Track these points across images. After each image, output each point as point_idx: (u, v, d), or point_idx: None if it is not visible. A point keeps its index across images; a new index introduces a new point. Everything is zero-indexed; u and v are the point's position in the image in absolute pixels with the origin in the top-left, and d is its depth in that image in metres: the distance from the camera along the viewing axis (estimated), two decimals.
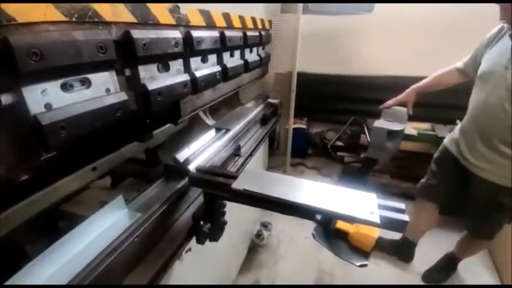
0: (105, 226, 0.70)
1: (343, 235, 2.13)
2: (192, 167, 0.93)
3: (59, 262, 0.59)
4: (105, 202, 0.74)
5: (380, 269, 2.00)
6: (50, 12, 0.47)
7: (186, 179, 0.87)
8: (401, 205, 0.72)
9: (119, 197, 0.74)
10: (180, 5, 0.82)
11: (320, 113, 3.39)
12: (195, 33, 0.88)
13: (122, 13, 0.62)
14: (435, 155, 1.74)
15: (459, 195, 1.64)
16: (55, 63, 0.46)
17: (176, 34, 0.77)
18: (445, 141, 1.69)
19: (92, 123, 0.55)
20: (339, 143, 3.14)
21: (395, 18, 2.76)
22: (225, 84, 1.22)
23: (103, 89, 0.59)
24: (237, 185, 0.74)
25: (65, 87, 0.52)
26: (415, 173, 2.29)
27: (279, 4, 2.35)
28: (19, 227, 0.62)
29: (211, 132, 1.21)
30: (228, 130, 1.27)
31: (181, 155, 0.93)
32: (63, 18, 0.49)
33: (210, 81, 1.01)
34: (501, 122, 1.28)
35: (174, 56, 0.80)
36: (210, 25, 1.01)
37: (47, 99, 0.48)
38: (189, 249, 0.96)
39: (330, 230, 2.08)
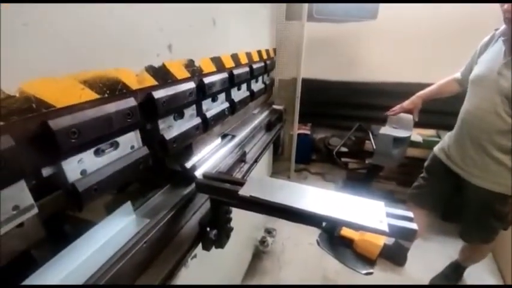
0: (113, 232, 0.70)
1: (348, 242, 2.12)
2: (198, 173, 0.93)
3: (67, 269, 0.59)
4: (111, 206, 0.75)
5: (386, 275, 1.97)
6: (85, 94, 0.52)
7: (193, 185, 0.87)
8: (409, 213, 0.71)
9: (127, 203, 0.74)
10: (194, 58, 0.88)
11: (324, 118, 3.39)
12: (207, 80, 0.93)
13: (146, 79, 0.67)
14: (425, 163, 1.75)
15: (450, 202, 1.65)
16: (90, 137, 0.52)
17: (191, 85, 0.83)
18: (435, 148, 1.71)
19: (120, 180, 0.61)
20: (343, 149, 3.13)
21: (399, 25, 2.77)
22: (233, 117, 1.25)
23: (128, 147, 0.65)
24: (244, 191, 0.74)
25: (97, 152, 0.57)
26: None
27: (284, 10, 2.38)
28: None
29: (217, 139, 1.22)
30: (233, 136, 1.28)
31: (188, 162, 0.94)
32: (97, 96, 0.54)
33: (220, 118, 1.07)
34: (493, 126, 1.28)
35: (188, 104, 0.85)
36: (220, 68, 1.06)
37: (82, 166, 0.54)
38: (195, 256, 0.95)
39: (335, 237, 2.07)
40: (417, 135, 2.36)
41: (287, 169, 2.91)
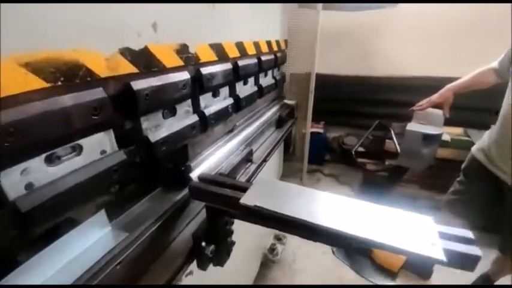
0: (81, 249, 0.55)
1: (366, 252, 1.92)
2: (195, 175, 0.78)
3: None
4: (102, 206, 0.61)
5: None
6: (29, 81, 0.39)
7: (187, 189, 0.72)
8: (468, 233, 0.53)
9: (100, 212, 0.59)
10: (189, 42, 0.71)
11: (338, 116, 3.20)
12: (206, 70, 0.78)
13: (121, 65, 0.53)
14: (463, 165, 1.56)
15: (490, 209, 1.43)
16: (36, 138, 0.39)
17: (184, 76, 0.69)
18: (473, 149, 1.48)
19: (85, 195, 0.49)
20: (360, 149, 2.91)
21: (423, 13, 2.54)
22: (238, 115, 1.09)
23: (98, 152, 0.51)
24: (246, 199, 0.58)
25: (50, 160, 0.44)
26: (447, 183, 2.04)
27: None
28: None
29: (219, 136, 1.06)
30: (239, 132, 1.12)
31: (184, 160, 0.79)
32: (46, 85, 0.41)
33: (222, 116, 0.91)
34: None
35: (182, 99, 0.70)
36: (223, 58, 0.90)
37: (28, 178, 0.41)
38: (190, 273, 0.80)
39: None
40: (445, 133, 2.12)
41: (299, 170, 2.73)
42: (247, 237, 1.30)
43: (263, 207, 0.55)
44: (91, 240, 0.57)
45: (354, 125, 3.16)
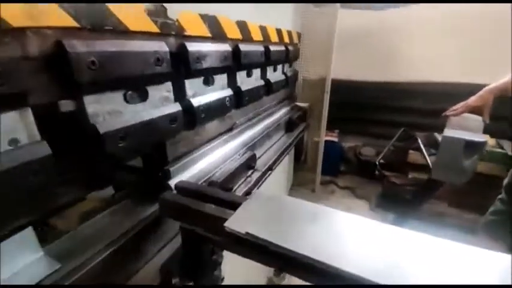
0: None
1: None
2: (174, 182, 0.59)
3: None
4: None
5: None
6: None
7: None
8: None
9: (27, 230, 0.41)
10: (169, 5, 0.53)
11: (354, 124, 2.97)
12: (193, 46, 0.60)
13: (48, 12, 0.35)
14: (505, 181, 1.35)
15: None
16: None
17: (159, 47, 0.51)
18: None
19: None
20: (379, 160, 2.66)
21: (449, 13, 2.31)
22: (239, 111, 0.91)
23: (5, 142, 0.34)
24: (234, 222, 0.38)
25: None
26: (480, 200, 1.77)
27: None
28: None
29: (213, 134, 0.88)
30: (240, 132, 0.93)
31: (161, 162, 0.60)
32: None
33: (217, 109, 0.72)
34: None
35: (156, 79, 0.52)
36: (219, 36, 0.72)
37: None
38: None
39: None
40: None
41: (311, 181, 2.50)
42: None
43: (259, 237, 0.36)
44: (14, 268, 0.39)
45: (371, 134, 2.92)
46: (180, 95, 0.60)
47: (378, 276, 0.30)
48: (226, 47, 0.73)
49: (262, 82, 1.01)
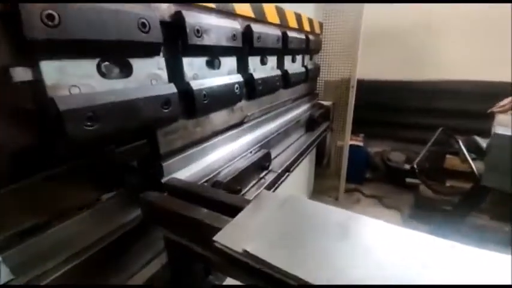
0: None
1: None
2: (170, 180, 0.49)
3: None
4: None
5: None
6: None
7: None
8: None
9: None
10: None
11: (380, 128, 2.75)
12: (191, 16, 0.50)
13: None
14: None
15: None
16: None
17: (145, 10, 0.42)
18: None
19: None
20: (407, 166, 2.42)
21: (482, 7, 2.08)
22: (251, 103, 0.80)
23: None
24: (228, 236, 0.27)
25: None
26: None
27: None
28: None
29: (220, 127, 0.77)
30: (253, 127, 0.82)
31: (155, 155, 0.50)
32: None
33: (222, 96, 0.61)
34: None
35: (140, 49, 0.43)
36: (226, 12, 0.62)
37: None
38: None
39: None
40: None
41: (334, 188, 2.32)
42: None
43: (258, 257, 0.24)
44: None
45: (400, 138, 2.70)
46: (176, 75, 0.50)
47: None
48: (234, 24, 0.63)
49: (278, 72, 0.90)
